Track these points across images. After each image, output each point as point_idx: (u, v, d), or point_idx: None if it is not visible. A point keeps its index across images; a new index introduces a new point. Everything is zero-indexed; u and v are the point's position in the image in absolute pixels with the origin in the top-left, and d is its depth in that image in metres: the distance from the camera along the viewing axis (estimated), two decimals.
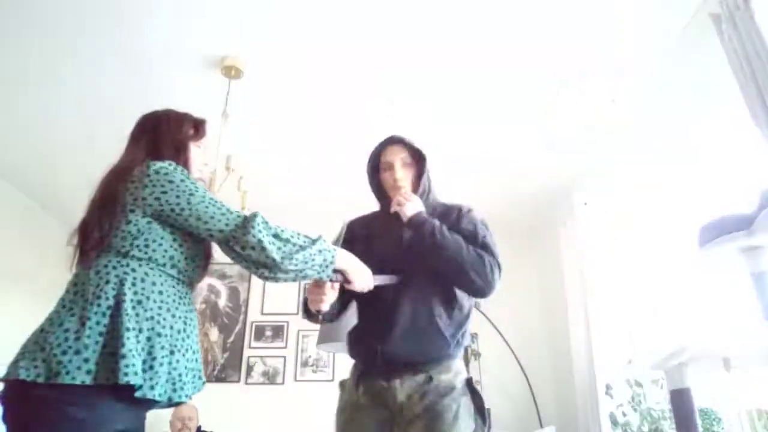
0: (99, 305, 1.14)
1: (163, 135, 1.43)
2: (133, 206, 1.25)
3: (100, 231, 1.26)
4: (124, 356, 1.09)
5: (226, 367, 4.42)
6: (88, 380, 1.06)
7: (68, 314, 1.14)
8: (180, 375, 1.21)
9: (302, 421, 4.13)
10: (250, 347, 4.49)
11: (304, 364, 4.41)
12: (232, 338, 4.52)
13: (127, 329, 1.12)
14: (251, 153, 3.38)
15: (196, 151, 1.49)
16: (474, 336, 4.34)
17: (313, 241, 1.33)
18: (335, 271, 1.36)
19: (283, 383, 4.35)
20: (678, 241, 2.73)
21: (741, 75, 1.95)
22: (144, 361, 1.14)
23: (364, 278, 1.44)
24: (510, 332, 4.26)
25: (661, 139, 2.75)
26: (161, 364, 1.16)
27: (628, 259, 3.39)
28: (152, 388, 1.13)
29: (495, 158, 3.63)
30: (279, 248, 1.25)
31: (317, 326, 3.17)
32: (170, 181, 1.27)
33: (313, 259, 1.30)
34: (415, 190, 1.70)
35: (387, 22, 2.50)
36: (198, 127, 1.51)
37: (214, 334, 4.54)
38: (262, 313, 4.59)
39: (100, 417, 1.09)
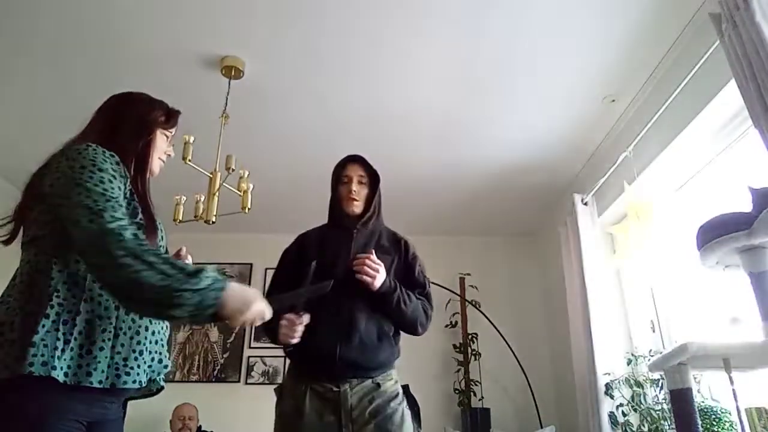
0: (22, 293, 1.10)
1: (128, 112, 1.34)
2: (44, 193, 1.17)
3: (19, 212, 1.23)
4: (33, 344, 1.02)
5: (226, 367, 4.42)
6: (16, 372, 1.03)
7: (4, 307, 1.10)
8: (125, 359, 1.12)
9: None
10: (250, 347, 4.49)
11: None
12: (232, 338, 4.52)
13: (46, 315, 1.05)
14: (251, 153, 3.38)
15: (162, 138, 1.38)
16: (474, 336, 4.34)
17: (189, 276, 1.06)
18: (214, 315, 1.09)
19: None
20: (678, 241, 2.74)
21: (741, 75, 1.95)
22: (81, 346, 1.08)
23: (247, 316, 1.14)
24: (510, 332, 4.26)
25: (661, 139, 2.75)
26: (101, 348, 1.09)
27: (628, 259, 3.38)
28: (89, 374, 1.06)
29: (495, 159, 3.64)
30: (138, 271, 1.03)
31: None
32: (71, 167, 1.14)
33: (179, 296, 1.03)
34: (367, 207, 1.91)
35: (386, 22, 2.50)
36: (170, 115, 1.40)
37: (214, 334, 4.54)
38: None
39: (49, 408, 1.04)
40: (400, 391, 1.77)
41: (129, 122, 1.33)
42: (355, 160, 1.96)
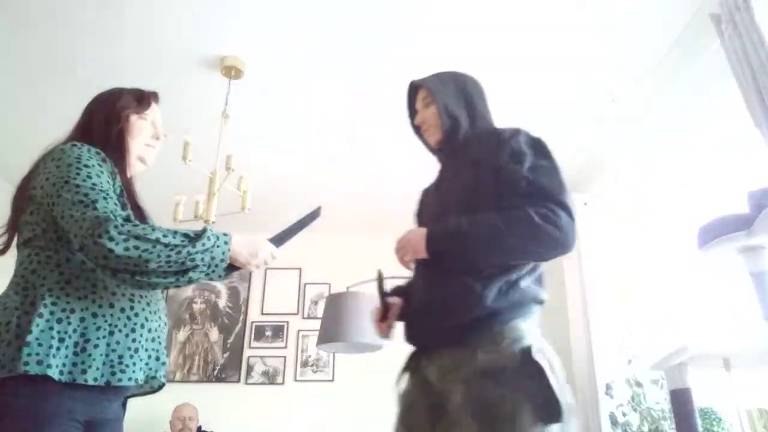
0: (17, 293, 1.11)
1: (98, 107, 1.35)
2: (32, 195, 1.19)
3: (11, 219, 1.24)
4: (28, 344, 1.03)
5: (226, 367, 4.41)
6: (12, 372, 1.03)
7: (1, 308, 1.11)
8: (120, 357, 1.12)
9: (302, 421, 4.13)
10: (250, 347, 4.48)
11: (304, 364, 4.41)
12: (232, 338, 4.52)
13: (40, 315, 1.06)
14: (251, 153, 3.38)
15: (139, 123, 1.35)
16: None
17: (192, 240, 1.12)
18: (230, 266, 1.19)
19: (283, 383, 4.35)
20: (678, 241, 2.74)
21: (741, 75, 1.95)
22: (76, 344, 1.08)
23: (260, 259, 1.24)
24: None
25: (661, 140, 2.75)
26: (96, 346, 1.09)
27: (628, 259, 3.39)
28: (84, 372, 1.06)
29: None
30: (144, 251, 1.06)
31: (317, 326, 3.16)
32: (57, 167, 1.15)
33: (192, 260, 1.11)
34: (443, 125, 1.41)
35: (385, 23, 2.50)
36: (141, 98, 1.37)
37: (214, 334, 4.54)
38: (262, 313, 4.59)
39: (45, 406, 1.04)
40: (512, 360, 1.09)
41: (99, 116, 1.33)
42: (412, 88, 1.53)
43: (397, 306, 1.36)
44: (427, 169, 3.99)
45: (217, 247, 1.15)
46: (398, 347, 1.29)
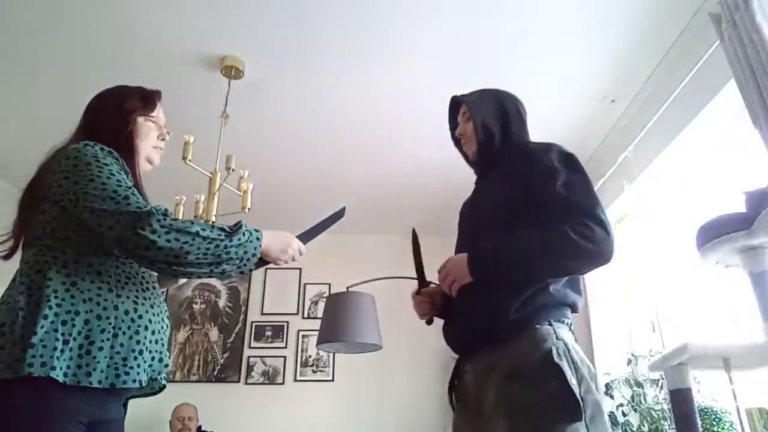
0: (22, 293, 1.10)
1: (104, 107, 1.34)
2: (46, 194, 1.18)
3: (17, 222, 1.24)
4: (32, 345, 1.03)
5: (226, 367, 4.42)
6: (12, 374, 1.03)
7: (5, 308, 1.11)
8: (125, 359, 1.12)
9: (302, 421, 4.13)
10: (250, 347, 4.49)
11: (304, 364, 4.41)
12: (232, 338, 4.52)
13: (45, 316, 1.06)
14: (251, 153, 3.38)
15: (146, 125, 1.36)
16: None
17: (229, 234, 1.17)
18: (260, 260, 1.24)
19: (283, 383, 4.36)
20: (678, 241, 2.74)
21: (741, 75, 1.95)
22: (80, 346, 1.08)
23: (289, 254, 1.31)
24: None
25: (661, 140, 2.75)
26: (101, 348, 1.09)
27: (628, 259, 3.38)
28: (88, 374, 1.06)
29: None
30: (185, 243, 1.11)
31: (317, 326, 3.16)
32: (75, 165, 1.16)
33: (228, 253, 1.16)
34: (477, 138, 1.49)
35: (385, 24, 2.50)
36: (147, 98, 1.38)
37: (214, 334, 4.54)
38: (262, 313, 4.59)
39: (49, 408, 1.04)
40: (538, 361, 1.15)
41: (106, 117, 1.33)
42: (451, 105, 1.63)
43: (435, 291, 1.44)
44: (425, 169, 4.01)
45: (250, 242, 1.20)
46: (398, 348, 1.29)
